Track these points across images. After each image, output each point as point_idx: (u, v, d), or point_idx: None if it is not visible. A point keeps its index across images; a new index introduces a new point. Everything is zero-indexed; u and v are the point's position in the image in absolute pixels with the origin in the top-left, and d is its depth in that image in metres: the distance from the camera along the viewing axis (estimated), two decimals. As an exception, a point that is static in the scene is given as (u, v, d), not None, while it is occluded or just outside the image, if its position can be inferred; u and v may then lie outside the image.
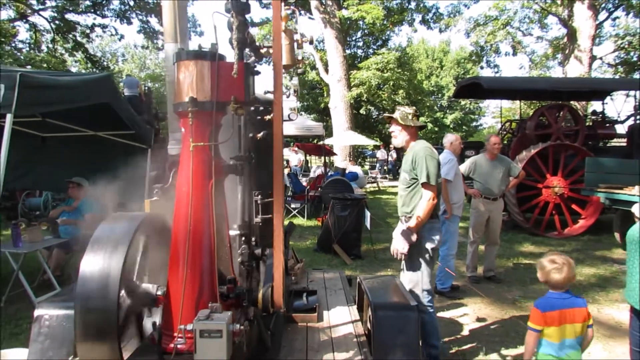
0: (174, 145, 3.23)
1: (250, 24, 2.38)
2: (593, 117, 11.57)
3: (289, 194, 12.61)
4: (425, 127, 3.92)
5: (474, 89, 11.01)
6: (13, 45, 19.68)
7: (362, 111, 28.95)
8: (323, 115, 28.73)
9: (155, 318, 2.27)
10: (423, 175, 3.47)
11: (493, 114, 38.76)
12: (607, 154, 9.84)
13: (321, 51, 22.35)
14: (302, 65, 2.64)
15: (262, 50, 2.54)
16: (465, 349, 4.32)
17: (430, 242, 3.57)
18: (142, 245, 2.35)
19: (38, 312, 2.74)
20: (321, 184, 12.23)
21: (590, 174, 8.51)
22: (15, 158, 6.16)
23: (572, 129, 10.21)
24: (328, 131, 21.03)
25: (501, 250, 7.37)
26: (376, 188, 19.68)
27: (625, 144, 11.09)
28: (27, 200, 9.40)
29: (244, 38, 2.20)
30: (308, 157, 23.69)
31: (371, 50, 29.11)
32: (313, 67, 23.45)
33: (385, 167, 25.73)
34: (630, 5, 19.72)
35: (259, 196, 3.17)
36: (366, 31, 27.48)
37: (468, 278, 6.31)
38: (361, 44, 30.91)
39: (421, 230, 3.54)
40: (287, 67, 2.53)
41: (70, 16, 20.41)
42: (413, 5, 22.24)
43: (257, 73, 2.30)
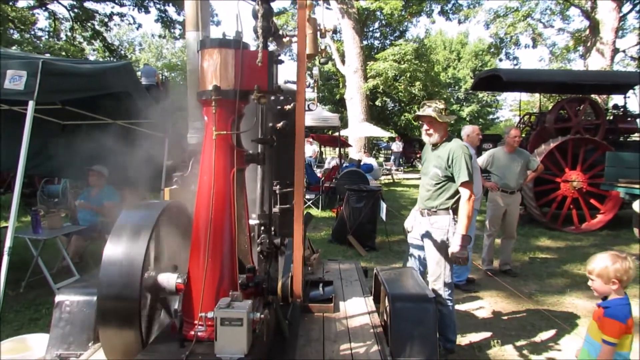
0: (193, 134, 3.23)
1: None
2: (614, 111, 11.33)
3: (304, 185, 12.60)
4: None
5: (493, 81, 10.86)
6: (32, 33, 19.91)
7: (378, 103, 28.76)
8: (338, 106, 28.61)
9: (176, 305, 2.29)
10: (464, 174, 3.51)
11: (510, 107, 38.27)
12: (628, 149, 9.63)
13: (338, 42, 22.24)
14: (325, 54, 2.61)
15: (285, 39, 2.53)
16: (479, 341, 4.30)
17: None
18: (164, 233, 2.37)
19: (59, 298, 2.78)
20: (336, 175, 12.21)
21: (610, 169, 8.36)
22: (35, 145, 6.26)
23: (593, 123, 10.02)
24: (343, 122, 20.96)
25: (517, 244, 7.29)
26: (391, 180, 19.59)
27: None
28: (46, 187, 9.54)
29: (269, 26, 2.18)
30: (323, 149, 23.68)
31: (388, 41, 28.89)
32: (330, 58, 23.35)
33: (401, 159, 25.57)
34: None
35: (278, 186, 3.18)
36: (384, 22, 27.24)
37: (484, 271, 6.26)
38: (378, 35, 30.69)
39: (447, 224, 3.61)
40: (310, 57, 2.51)
41: (89, 4, 20.59)
42: (432, -5, 21.98)
43: (281, 62, 2.28)
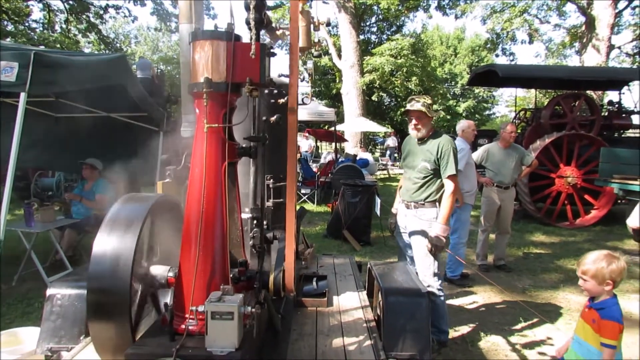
0: (187, 127, 3.21)
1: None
2: (609, 107, 11.36)
3: (299, 180, 12.61)
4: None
5: (489, 77, 10.86)
6: (27, 24, 19.69)
7: (374, 98, 28.72)
8: (335, 101, 28.53)
9: (166, 299, 2.28)
10: (451, 168, 3.60)
11: (506, 103, 38.35)
12: (623, 145, 9.68)
13: (334, 36, 22.14)
14: (319, 48, 2.59)
15: (278, 31, 2.50)
16: (473, 336, 4.33)
17: None
18: (155, 226, 2.35)
19: (50, 292, 2.77)
20: (332, 170, 12.20)
21: (604, 164, 8.40)
22: (28, 138, 6.21)
23: (588, 119, 10.05)
24: (339, 117, 20.93)
25: (512, 239, 7.32)
26: (386, 175, 19.59)
27: (641, 135, 10.92)
28: (40, 180, 9.48)
29: (261, 18, 2.16)
30: (319, 143, 23.63)
31: (385, 36, 28.77)
32: (326, 53, 23.26)
33: (397, 154, 25.57)
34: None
35: (271, 180, 3.17)
36: (380, 17, 27.10)
37: (478, 266, 6.28)
38: (375, 30, 30.58)
39: (434, 216, 3.70)
40: (303, 50, 2.49)
41: (83, -4, 20.37)
42: (429, -10, 21.92)
43: (273, 55, 2.26)
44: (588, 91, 11.97)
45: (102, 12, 21.20)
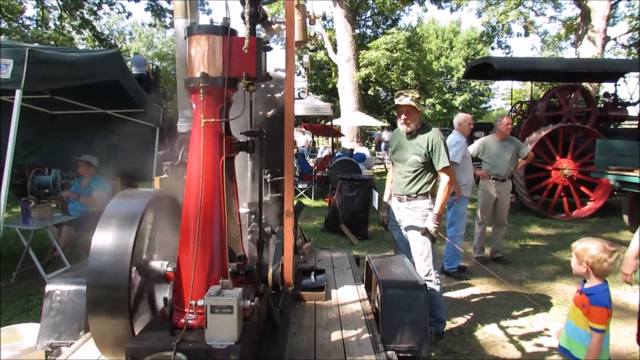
0: (183, 123, 3.20)
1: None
2: (605, 99, 11.40)
3: (297, 175, 12.62)
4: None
5: (485, 70, 10.87)
6: (20, 22, 19.57)
7: (370, 92, 28.72)
8: (331, 95, 28.51)
9: (165, 294, 2.29)
10: (443, 160, 3.67)
11: (503, 96, 38.38)
12: (619, 136, 9.72)
13: (330, 30, 22.08)
14: (314, 42, 2.59)
15: (274, 26, 2.50)
16: (470, 327, 4.37)
17: None
18: (153, 221, 2.36)
19: (49, 288, 2.77)
20: (328, 165, 12.21)
21: (600, 156, 8.42)
22: (24, 135, 6.18)
23: (584, 111, 10.07)
24: (336, 112, 20.88)
25: (509, 232, 7.36)
26: (383, 169, 19.61)
27: (637, 126, 10.95)
28: (37, 177, 9.45)
29: (257, 12, 2.16)
30: (315, 138, 23.61)
31: (380, 30, 28.72)
32: (322, 47, 23.21)
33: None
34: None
35: (269, 175, 3.18)
36: (376, 10, 27.06)
37: (475, 259, 6.32)
38: (370, 24, 30.51)
39: (426, 207, 3.79)
40: (299, 44, 2.48)
41: (77, -8, 20.22)
42: (424, -17, 21.85)
43: (269, 49, 2.25)
44: (584, 83, 11.99)
45: (96, 9, 21.07)
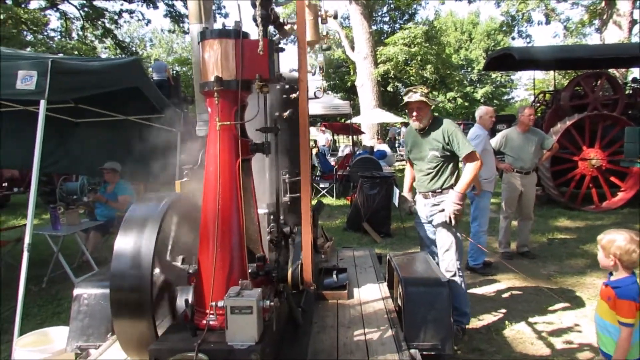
0: (202, 126, 3.24)
1: (275, 2, 2.34)
2: (633, 85, 11.02)
3: (318, 174, 12.64)
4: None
5: (506, 61, 10.66)
6: (45, 34, 20.13)
7: (390, 88, 28.49)
8: (350, 93, 28.40)
9: (187, 296, 2.32)
10: (465, 147, 3.59)
11: (526, 87, 37.55)
12: (649, 124, 9.41)
13: (347, 28, 22.01)
14: (327, 41, 2.58)
15: (287, 26, 2.51)
16: (496, 324, 4.28)
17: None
18: (174, 224, 2.39)
19: (77, 292, 2.84)
20: (349, 163, 12.18)
21: (629, 144, 8.16)
22: (51, 143, 6.37)
23: (611, 98, 9.77)
24: (355, 110, 20.83)
25: (535, 225, 7.20)
26: (404, 165, 19.45)
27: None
28: (65, 184, 9.70)
29: (268, 14, 2.17)
30: (336, 137, 23.59)
31: (398, 25, 28.47)
32: (339, 45, 23.15)
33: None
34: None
35: (287, 175, 3.18)
36: (392, 5, 26.86)
37: (501, 254, 6.21)
38: (387, 19, 30.25)
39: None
40: (312, 44, 2.49)
41: (98, 3, 20.73)
42: (441, -25, 21.56)
43: (282, 50, 2.26)
44: (610, 69, 11.64)
45: (117, 17, 21.53)
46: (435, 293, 2.81)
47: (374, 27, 24.31)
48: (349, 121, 15.80)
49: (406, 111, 3.96)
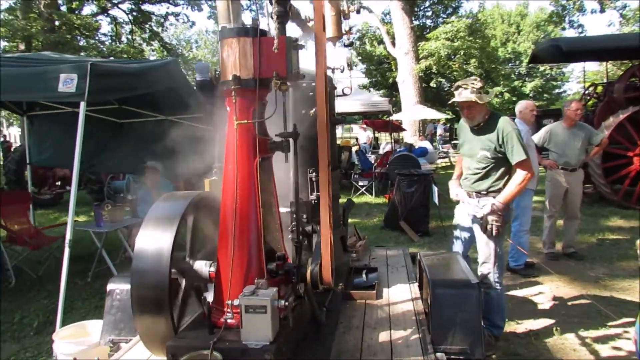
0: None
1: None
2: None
3: (357, 172, 12.59)
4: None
5: (553, 53, 10.17)
6: (97, 38, 21.06)
7: (433, 84, 27.90)
8: (392, 90, 28.03)
9: (208, 293, 2.34)
10: (518, 153, 3.31)
11: (578, 79, 35.76)
12: None
13: (388, 24, 21.73)
14: (349, 36, 2.52)
15: (309, 23, 2.47)
16: (537, 329, 4.09)
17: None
18: (194, 223, 2.42)
19: (110, 287, 2.94)
20: (388, 161, 12.04)
21: (690, 139, 7.60)
22: (97, 143, 6.65)
23: (669, 90, 9.13)
24: (397, 106, 20.55)
25: (584, 224, 6.86)
26: (448, 163, 19.01)
27: None
28: (112, 183, 10.14)
29: (286, 11, 2.14)
30: (377, 134, 23.37)
31: (440, 19, 27.81)
32: (380, 42, 22.87)
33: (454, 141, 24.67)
34: None
35: (314, 173, 3.15)
36: (435, 0, 26.30)
37: (545, 255, 5.94)
38: (430, 14, 29.58)
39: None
40: (333, 40, 2.44)
41: (145, 7, 21.48)
42: (486, -34, 20.90)
43: (301, 47, 2.23)
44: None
45: (163, 20, 22.24)
46: (464, 295, 2.70)
47: (416, 22, 23.84)
48: (390, 118, 15.57)
49: (452, 107, 3.79)
